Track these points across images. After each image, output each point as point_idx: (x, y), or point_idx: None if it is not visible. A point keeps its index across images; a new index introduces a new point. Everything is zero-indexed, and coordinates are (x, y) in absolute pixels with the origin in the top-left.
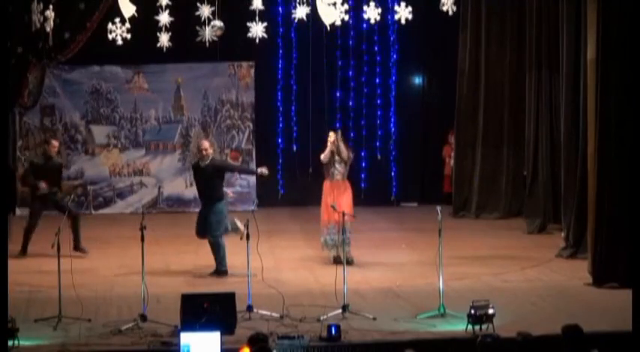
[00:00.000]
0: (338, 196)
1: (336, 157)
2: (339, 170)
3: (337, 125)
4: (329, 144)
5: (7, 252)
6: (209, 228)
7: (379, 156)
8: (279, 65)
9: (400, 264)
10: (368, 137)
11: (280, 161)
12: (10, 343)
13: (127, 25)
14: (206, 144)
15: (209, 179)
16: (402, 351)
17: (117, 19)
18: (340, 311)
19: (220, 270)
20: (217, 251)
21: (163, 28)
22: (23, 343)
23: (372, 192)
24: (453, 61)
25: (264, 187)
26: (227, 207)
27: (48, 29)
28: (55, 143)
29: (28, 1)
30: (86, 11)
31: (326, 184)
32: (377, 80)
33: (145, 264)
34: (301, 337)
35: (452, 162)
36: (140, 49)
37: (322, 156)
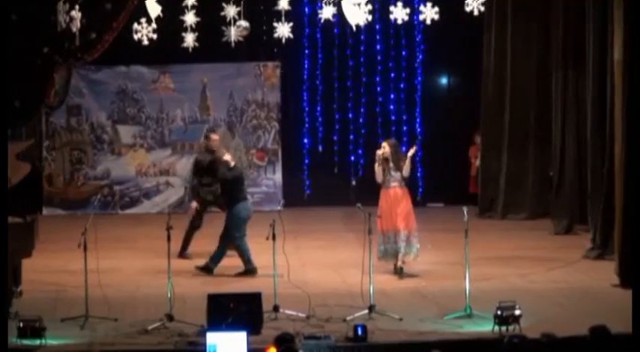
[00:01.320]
0: (394, 205)
1: (391, 164)
2: (395, 177)
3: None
4: (378, 156)
5: (7, 252)
6: (228, 232)
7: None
8: (305, 65)
9: (426, 265)
10: (395, 137)
11: (306, 161)
12: (37, 342)
13: (153, 25)
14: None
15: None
16: None
17: (143, 20)
18: (366, 311)
19: (248, 269)
20: (240, 253)
21: (189, 29)
22: (50, 342)
23: None
24: (478, 61)
25: (291, 188)
26: (247, 209)
27: (74, 29)
28: (215, 136)
29: (54, 1)
30: (112, 11)
31: (382, 192)
32: (403, 80)
33: (171, 264)
34: (327, 337)
35: (478, 162)
36: (166, 49)
37: (376, 174)
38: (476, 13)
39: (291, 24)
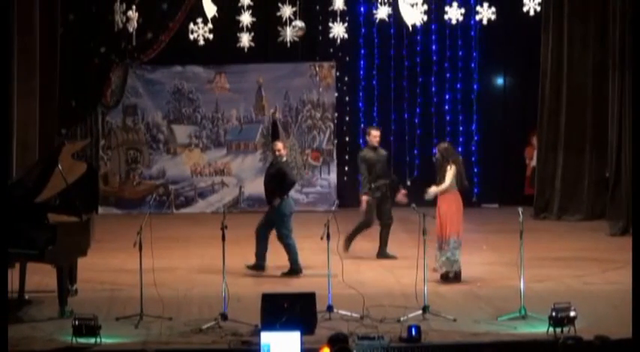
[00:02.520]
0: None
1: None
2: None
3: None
4: None
5: (7, 252)
6: (268, 228)
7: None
8: (361, 65)
9: (481, 266)
10: (450, 137)
11: None
12: (92, 340)
13: (209, 25)
14: (279, 145)
15: (271, 179)
16: None
17: (199, 20)
18: (420, 312)
19: (293, 269)
20: (288, 251)
21: (245, 29)
22: (105, 341)
23: None
24: (535, 62)
25: (345, 188)
26: (290, 205)
27: (131, 29)
28: (375, 132)
29: (111, 2)
30: (168, 11)
31: None
32: (459, 80)
33: (225, 264)
34: (381, 338)
35: (533, 163)
36: (222, 49)
37: None
38: (532, 13)
39: (346, 24)
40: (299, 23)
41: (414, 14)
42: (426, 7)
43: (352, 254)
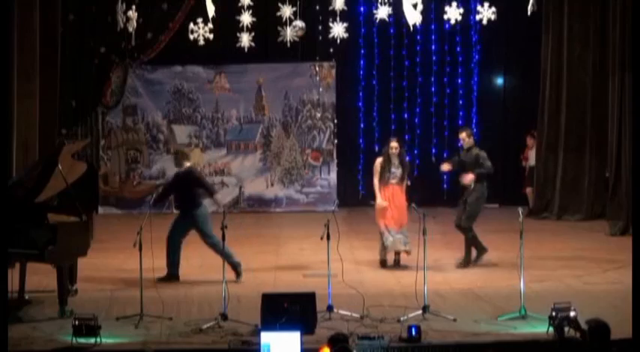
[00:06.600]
0: (393, 201)
1: (394, 161)
2: (396, 174)
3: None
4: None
5: (7, 253)
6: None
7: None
8: (361, 65)
9: (481, 265)
10: (450, 137)
11: (361, 161)
12: (92, 340)
13: (209, 25)
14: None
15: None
16: None
17: (199, 20)
18: (420, 312)
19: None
20: (215, 250)
21: (245, 29)
22: (105, 341)
23: (454, 193)
24: (535, 62)
25: (345, 188)
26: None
27: (131, 29)
28: (462, 135)
29: (111, 2)
30: (168, 11)
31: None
32: (459, 81)
33: (225, 263)
34: (381, 337)
35: (531, 163)
36: (222, 49)
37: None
38: (529, 13)
39: (346, 24)
40: (299, 23)
41: (415, 14)
42: (422, 7)
43: (353, 254)
